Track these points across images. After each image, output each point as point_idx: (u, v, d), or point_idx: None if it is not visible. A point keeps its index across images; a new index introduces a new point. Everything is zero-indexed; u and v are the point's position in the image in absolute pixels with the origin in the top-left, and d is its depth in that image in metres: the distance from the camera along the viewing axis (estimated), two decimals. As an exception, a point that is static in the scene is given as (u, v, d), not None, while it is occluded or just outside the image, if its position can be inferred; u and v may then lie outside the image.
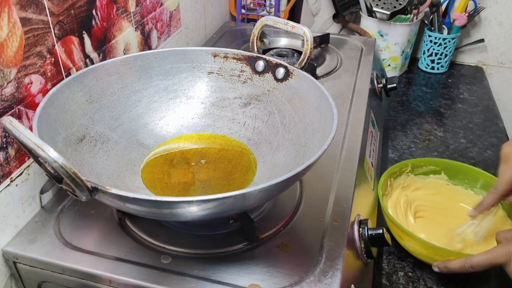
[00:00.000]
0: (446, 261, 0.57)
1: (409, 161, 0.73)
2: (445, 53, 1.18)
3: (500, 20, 1.18)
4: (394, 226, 0.63)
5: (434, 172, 0.74)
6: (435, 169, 0.74)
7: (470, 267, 0.54)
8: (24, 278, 0.52)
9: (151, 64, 0.61)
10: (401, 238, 0.63)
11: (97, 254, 0.48)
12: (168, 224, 0.53)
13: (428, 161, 0.74)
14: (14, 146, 0.50)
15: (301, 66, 0.58)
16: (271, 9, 1.15)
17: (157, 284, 0.45)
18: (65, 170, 0.36)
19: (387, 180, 0.71)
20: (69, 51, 0.57)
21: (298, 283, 0.45)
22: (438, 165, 0.74)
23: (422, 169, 0.74)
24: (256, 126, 0.62)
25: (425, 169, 0.74)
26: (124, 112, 0.59)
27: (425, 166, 0.74)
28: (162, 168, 0.57)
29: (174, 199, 0.38)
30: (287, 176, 0.40)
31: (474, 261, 0.54)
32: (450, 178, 0.73)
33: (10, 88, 0.48)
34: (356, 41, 1.00)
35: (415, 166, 0.73)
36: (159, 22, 0.80)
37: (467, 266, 0.54)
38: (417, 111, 1.05)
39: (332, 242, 0.50)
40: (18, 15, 0.47)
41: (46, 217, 0.53)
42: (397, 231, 0.63)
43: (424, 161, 0.74)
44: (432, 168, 0.74)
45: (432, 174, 0.74)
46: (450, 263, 0.57)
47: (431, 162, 0.74)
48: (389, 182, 0.71)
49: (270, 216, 0.54)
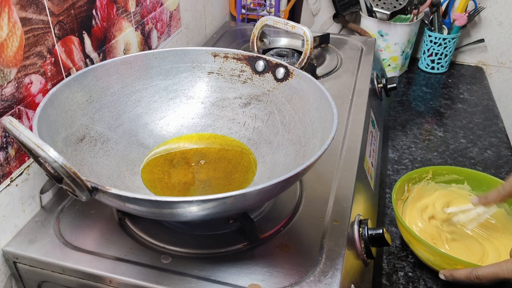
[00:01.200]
0: (452, 270, 0.57)
1: (430, 168, 0.71)
2: (445, 53, 1.18)
3: (500, 20, 1.18)
4: (405, 231, 0.62)
5: (457, 182, 0.71)
6: (457, 178, 0.71)
7: (476, 278, 0.53)
8: (24, 278, 0.52)
9: (151, 64, 0.61)
10: (410, 243, 0.63)
11: (97, 254, 0.48)
12: (168, 224, 0.53)
13: (450, 169, 0.72)
14: (14, 146, 0.50)
15: (301, 66, 0.58)
16: (271, 9, 1.15)
17: (157, 284, 0.45)
18: (65, 170, 0.36)
19: (404, 185, 0.69)
20: (69, 51, 0.57)
21: (298, 283, 0.45)
22: (461, 174, 0.71)
23: (444, 177, 0.71)
24: (256, 126, 0.62)
25: (447, 178, 0.71)
26: (124, 112, 0.59)
27: (447, 174, 0.71)
28: (162, 168, 0.57)
29: (174, 199, 0.38)
30: (287, 176, 0.40)
31: (480, 272, 0.53)
32: (474, 188, 0.71)
33: (10, 88, 0.48)
34: (356, 41, 1.00)
35: (437, 174, 0.71)
36: (159, 22, 0.80)
37: (472, 276, 0.53)
38: (417, 111, 1.05)
39: (332, 242, 0.50)
40: (18, 15, 0.47)
41: (46, 217, 0.53)
42: (407, 236, 0.62)
43: (446, 169, 0.72)
44: (455, 177, 0.71)
45: (454, 183, 0.71)
46: (456, 272, 0.56)
47: (454, 171, 0.71)
48: (406, 187, 0.69)
49: (270, 216, 0.54)
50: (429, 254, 0.60)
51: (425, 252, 0.60)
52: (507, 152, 0.90)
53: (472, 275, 0.53)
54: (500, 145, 0.92)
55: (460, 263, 0.56)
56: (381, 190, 0.79)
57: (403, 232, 0.64)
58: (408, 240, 0.64)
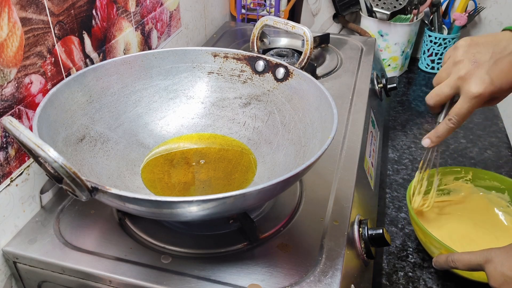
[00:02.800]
0: (437, 256, 0.58)
1: (470, 169, 0.70)
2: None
3: (500, 20, 1.18)
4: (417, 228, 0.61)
5: (497, 190, 0.69)
6: (499, 187, 0.69)
7: (452, 262, 0.54)
8: (24, 278, 0.52)
9: (151, 64, 0.61)
10: (423, 241, 0.63)
11: (97, 254, 0.48)
12: (168, 224, 0.53)
13: (493, 176, 0.69)
14: (14, 146, 0.50)
15: (301, 66, 0.58)
16: (271, 9, 1.15)
17: (157, 284, 0.45)
18: (65, 170, 0.36)
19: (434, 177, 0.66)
20: (69, 51, 0.57)
21: (298, 283, 0.45)
22: (503, 183, 0.68)
23: (485, 182, 0.70)
24: (256, 126, 0.62)
25: (488, 183, 0.69)
26: (124, 112, 0.59)
27: (488, 180, 0.69)
28: (162, 168, 0.57)
29: (174, 199, 0.38)
30: (287, 176, 0.40)
31: (455, 257, 0.54)
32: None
33: (10, 88, 0.48)
34: (356, 41, 1.00)
35: (477, 177, 0.70)
36: (159, 22, 0.80)
37: (449, 260, 0.55)
38: (417, 111, 1.05)
39: (332, 242, 0.50)
40: (18, 15, 0.47)
41: (46, 217, 0.53)
42: (420, 234, 0.62)
43: (488, 174, 0.69)
44: (496, 184, 0.69)
45: (494, 191, 0.69)
46: (437, 257, 0.57)
47: (497, 178, 0.69)
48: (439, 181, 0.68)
49: (270, 216, 0.54)
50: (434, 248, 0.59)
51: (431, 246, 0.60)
52: (507, 152, 0.90)
53: (448, 259, 0.55)
54: (500, 145, 0.92)
55: None
56: (381, 190, 0.79)
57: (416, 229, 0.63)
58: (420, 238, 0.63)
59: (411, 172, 0.84)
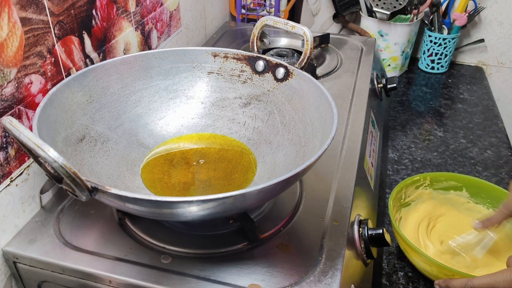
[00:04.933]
0: (448, 280, 0.56)
1: (428, 175, 0.70)
2: (445, 53, 1.19)
3: (500, 20, 1.18)
4: (401, 240, 0.61)
5: (455, 188, 0.70)
6: (456, 185, 0.70)
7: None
8: (24, 278, 0.52)
9: (151, 64, 0.61)
10: (407, 252, 0.62)
11: (97, 254, 0.48)
12: (168, 224, 0.53)
13: (449, 176, 0.71)
14: (14, 146, 0.50)
15: (301, 66, 0.58)
16: (271, 9, 1.15)
17: (157, 284, 0.45)
18: (65, 170, 0.36)
19: (401, 191, 0.68)
20: (69, 51, 0.57)
21: (298, 283, 0.45)
22: (460, 181, 0.70)
23: (442, 184, 0.71)
24: (256, 126, 0.62)
25: (445, 184, 0.71)
26: (124, 112, 0.59)
27: (445, 181, 0.71)
28: (162, 168, 0.57)
29: (174, 199, 0.38)
30: (287, 176, 0.40)
31: (475, 283, 0.52)
32: (472, 195, 0.70)
33: (10, 88, 0.48)
34: (356, 41, 1.00)
35: (435, 180, 0.71)
36: (159, 22, 0.80)
37: (468, 287, 0.53)
38: (417, 111, 1.05)
39: (332, 242, 0.50)
40: (18, 15, 0.47)
41: (46, 217, 0.53)
42: (404, 245, 0.62)
43: (444, 175, 0.71)
44: (453, 183, 0.70)
45: (452, 190, 0.71)
46: (451, 283, 0.55)
47: (452, 178, 0.71)
48: (403, 195, 0.69)
49: (270, 216, 0.54)
50: (425, 264, 0.59)
51: (421, 262, 0.60)
52: (507, 152, 0.90)
53: (468, 286, 0.53)
54: (500, 145, 0.92)
55: (457, 274, 0.56)
56: (381, 190, 0.79)
57: (399, 241, 0.63)
58: (404, 249, 0.63)
59: (411, 172, 0.84)
